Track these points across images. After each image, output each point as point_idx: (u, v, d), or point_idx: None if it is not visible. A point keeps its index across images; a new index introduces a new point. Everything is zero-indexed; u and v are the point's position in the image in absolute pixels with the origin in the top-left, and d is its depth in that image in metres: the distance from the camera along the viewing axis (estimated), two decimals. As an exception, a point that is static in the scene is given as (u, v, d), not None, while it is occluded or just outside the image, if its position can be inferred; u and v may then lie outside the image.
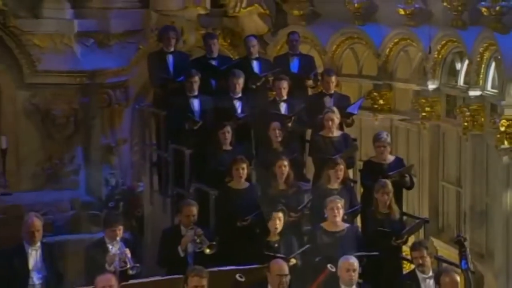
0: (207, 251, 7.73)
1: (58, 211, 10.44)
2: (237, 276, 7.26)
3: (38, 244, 7.67)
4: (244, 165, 8.34)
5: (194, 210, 7.96)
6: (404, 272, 7.82)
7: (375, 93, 10.76)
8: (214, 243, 8.03)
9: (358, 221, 8.77)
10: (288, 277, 7.01)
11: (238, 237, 8.02)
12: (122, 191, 10.88)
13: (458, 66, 9.80)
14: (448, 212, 9.61)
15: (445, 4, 9.63)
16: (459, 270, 6.72)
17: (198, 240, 8.05)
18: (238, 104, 9.50)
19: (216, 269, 7.10)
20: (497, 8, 8.88)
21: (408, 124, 10.46)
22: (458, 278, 6.53)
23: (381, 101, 10.72)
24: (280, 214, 7.74)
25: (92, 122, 11.65)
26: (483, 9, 9.03)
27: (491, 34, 8.84)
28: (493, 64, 9.03)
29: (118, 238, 7.79)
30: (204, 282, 6.66)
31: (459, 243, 6.91)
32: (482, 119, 9.17)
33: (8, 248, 8.34)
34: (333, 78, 9.91)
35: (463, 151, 9.63)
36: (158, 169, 10.16)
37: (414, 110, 10.33)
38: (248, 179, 8.66)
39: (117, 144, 11.59)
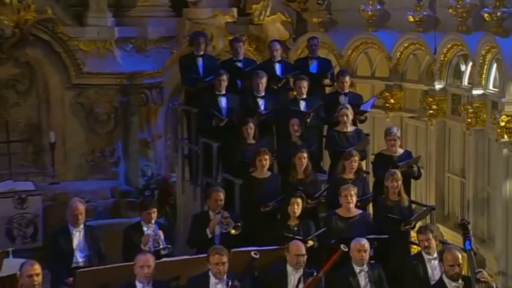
0: (233, 231, 7.75)
1: (100, 198, 10.55)
2: (252, 253, 7.28)
3: (81, 226, 7.77)
4: (267, 156, 8.31)
5: (221, 195, 8.00)
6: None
7: (386, 93, 10.68)
8: (239, 224, 8.02)
9: (370, 208, 8.70)
10: (305, 257, 7.01)
11: (260, 221, 7.94)
12: (157, 181, 10.91)
13: (462, 67, 9.67)
14: (453, 201, 9.51)
15: (450, 11, 9.50)
16: (459, 249, 6.58)
17: (224, 222, 8.12)
18: (261, 102, 9.46)
19: (239, 249, 7.17)
20: (498, 14, 8.78)
21: (417, 121, 10.37)
22: (460, 255, 6.40)
23: (392, 100, 10.63)
24: (299, 200, 7.74)
25: (130, 119, 11.69)
26: (486, 15, 8.96)
27: (493, 38, 8.73)
28: (495, 65, 8.91)
29: (152, 221, 7.86)
30: (224, 259, 6.60)
31: (463, 226, 6.80)
32: (484, 115, 9.06)
33: (55, 230, 8.47)
34: (347, 78, 9.84)
35: (467, 145, 9.53)
36: (189, 161, 10.15)
37: (422, 108, 10.24)
38: (270, 169, 8.49)
39: (153, 138, 11.60)
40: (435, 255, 7.13)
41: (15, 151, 10.99)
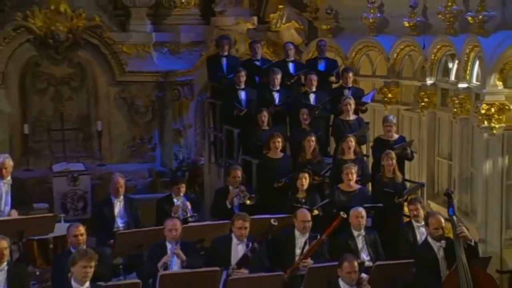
0: (248, 202, 7.82)
1: (139, 178, 10.68)
2: (271, 220, 7.35)
3: (122, 197, 8.03)
4: (279, 139, 8.39)
5: (239, 173, 8.16)
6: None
7: (385, 89, 10.63)
8: (253, 195, 8.13)
9: (370, 187, 8.71)
10: (310, 223, 7.15)
11: (274, 195, 8.03)
12: (188, 163, 10.96)
13: (450, 65, 9.58)
14: (441, 180, 9.47)
15: (440, 16, 9.43)
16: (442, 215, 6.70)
17: (241, 195, 8.09)
18: (276, 95, 9.53)
19: (256, 216, 7.25)
20: (480, 17, 8.67)
21: (411, 112, 10.31)
22: (442, 219, 6.58)
23: (390, 95, 10.58)
24: (306, 175, 7.83)
25: (165, 111, 11.72)
26: (469, 18, 8.86)
27: (476, 38, 8.59)
28: (477, 62, 8.83)
29: (181, 194, 8.09)
30: (247, 224, 6.78)
31: (447, 195, 6.91)
32: (468, 105, 8.97)
33: (99, 201, 8.86)
34: (351, 74, 9.92)
35: (453, 132, 9.46)
36: (214, 146, 10.25)
37: (415, 101, 10.15)
38: (283, 151, 8.59)
39: (184, 128, 11.64)
40: (423, 223, 7.18)
41: (68, 138, 11.06)
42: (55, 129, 11.22)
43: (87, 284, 5.78)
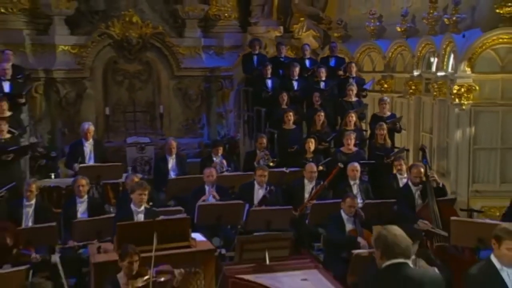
0: (271, 164, 7.97)
1: (190, 148, 10.77)
2: (284, 168, 7.58)
3: (174, 156, 8.34)
4: (291, 113, 8.74)
5: (264, 140, 8.41)
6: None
7: (382, 81, 10.72)
8: (275, 159, 8.29)
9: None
10: (316, 174, 7.35)
11: (289, 157, 8.21)
12: (227, 138, 11.04)
13: (432, 59, 9.55)
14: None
15: (424, 21, 9.45)
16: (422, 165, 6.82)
17: (265, 157, 8.22)
18: (295, 84, 9.72)
19: (275, 169, 7.63)
20: (454, 18, 8.68)
21: (402, 98, 10.33)
22: (422, 169, 6.79)
23: (386, 86, 10.67)
24: (312, 140, 8.21)
25: (211, 99, 11.71)
26: (446, 20, 8.87)
27: (450, 36, 8.52)
28: (452, 55, 8.81)
29: (219, 154, 8.42)
30: (266, 173, 7.11)
31: (422, 150, 7.14)
32: (445, 89, 8.96)
33: (158, 158, 9.14)
34: (354, 65, 10.02)
35: (434, 111, 9.43)
36: (247, 124, 10.38)
37: (405, 90, 10.17)
38: (296, 124, 8.82)
39: (226, 112, 11.66)
40: (405, 175, 7.32)
41: (138, 118, 11.13)
42: (128, 111, 11.30)
43: (143, 207, 6.12)
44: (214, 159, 8.23)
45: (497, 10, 8.23)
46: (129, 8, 11.17)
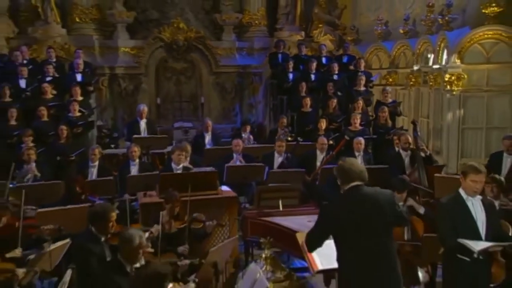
0: (289, 138, 8.04)
1: (225, 132, 10.53)
2: (298, 138, 7.75)
3: (210, 132, 8.35)
4: (308, 99, 8.83)
5: (285, 120, 8.54)
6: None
7: (387, 76, 10.65)
8: (293, 135, 8.40)
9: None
10: (326, 146, 7.36)
11: (305, 134, 8.27)
12: (257, 125, 10.95)
13: (429, 55, 9.46)
14: (423, 132, 9.16)
15: (423, 23, 9.39)
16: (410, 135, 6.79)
17: (285, 134, 8.22)
18: (313, 76, 9.79)
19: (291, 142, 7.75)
20: (447, 18, 8.64)
21: (404, 90, 10.23)
22: (410, 138, 6.66)
23: (390, 80, 10.58)
24: (323, 120, 8.29)
25: (243, 92, 11.68)
26: (440, 20, 8.82)
27: (444, 33, 8.49)
28: (445, 50, 8.73)
29: (247, 131, 8.58)
30: (283, 144, 7.15)
31: (413, 123, 6.93)
32: (439, 79, 8.86)
33: (196, 135, 9.09)
34: (362, 61, 10.03)
35: (430, 99, 9.35)
36: (273, 111, 10.46)
37: (407, 83, 10.09)
38: (312, 107, 8.87)
39: (255, 103, 11.56)
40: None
41: (184, 107, 11.29)
42: (175, 101, 11.39)
43: (181, 165, 6.30)
44: (243, 135, 8.35)
45: (483, 10, 8.22)
46: (177, 17, 11.25)
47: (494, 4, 7.99)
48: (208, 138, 8.32)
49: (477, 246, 3.68)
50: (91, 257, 3.62)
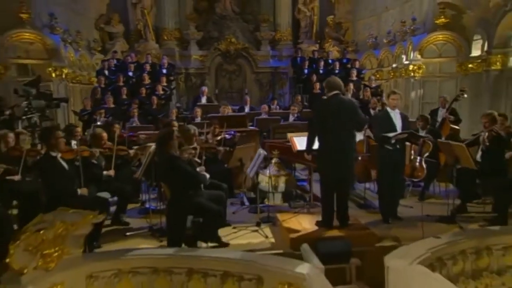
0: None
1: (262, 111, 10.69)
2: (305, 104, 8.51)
3: (248, 105, 9.03)
4: (318, 84, 9.30)
5: (299, 97, 9.11)
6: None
7: (376, 73, 10.99)
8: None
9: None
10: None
11: None
12: (284, 107, 10.41)
13: (402, 56, 9.88)
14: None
15: (398, 34, 9.95)
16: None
17: (298, 107, 8.54)
18: (321, 71, 10.29)
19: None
20: (412, 28, 9.28)
21: (386, 82, 10.60)
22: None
23: (378, 76, 10.92)
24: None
25: (275, 86, 11.73)
26: (408, 30, 9.41)
27: (411, 39, 9.16)
28: (412, 50, 9.26)
29: (275, 104, 9.15)
30: (296, 109, 8.04)
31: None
32: (408, 71, 9.39)
33: (239, 107, 9.33)
34: (356, 61, 10.56)
35: (402, 84, 9.67)
36: (293, 95, 10.40)
37: (388, 77, 10.56)
38: (321, 90, 8.67)
39: (283, 93, 11.69)
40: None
41: (234, 96, 11.44)
42: (228, 92, 11.60)
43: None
44: (272, 106, 9.04)
45: (436, 22, 9.04)
46: (230, 35, 11.52)
47: (442, 17, 8.82)
48: (247, 109, 9.08)
49: (392, 135, 4.65)
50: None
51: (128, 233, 4.48)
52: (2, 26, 7.68)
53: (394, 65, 10.31)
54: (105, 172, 4.58)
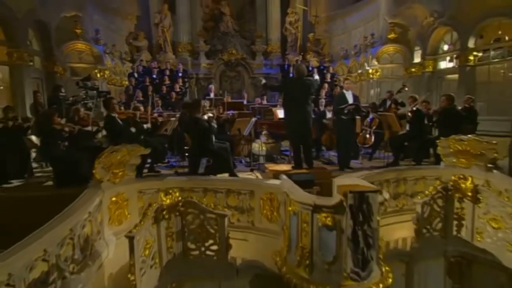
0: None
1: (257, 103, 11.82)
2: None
3: (245, 99, 9.65)
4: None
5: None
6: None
7: (346, 78, 10.32)
8: None
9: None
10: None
11: None
12: (272, 104, 10.63)
13: (365, 63, 10.39)
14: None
15: (362, 46, 10.54)
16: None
17: None
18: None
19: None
20: (372, 41, 9.88)
21: (354, 84, 10.27)
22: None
23: (348, 80, 11.26)
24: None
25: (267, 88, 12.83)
26: (368, 43, 10.10)
27: (370, 50, 9.82)
28: (371, 58, 9.89)
29: (264, 99, 9.54)
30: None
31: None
32: (369, 74, 10.00)
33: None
34: (330, 67, 11.11)
35: (366, 86, 10.32)
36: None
37: (355, 80, 10.72)
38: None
39: (274, 94, 10.68)
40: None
41: (234, 97, 10.52)
42: (229, 93, 10.77)
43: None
44: (263, 101, 9.56)
45: (388, 36, 9.97)
46: (231, 47, 11.97)
47: (393, 33, 9.70)
48: (245, 102, 9.48)
49: (343, 106, 5.55)
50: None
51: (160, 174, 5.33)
52: (63, 39, 8.68)
53: (359, 71, 10.94)
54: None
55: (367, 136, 6.35)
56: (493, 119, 7.07)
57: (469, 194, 4.09)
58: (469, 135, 4.43)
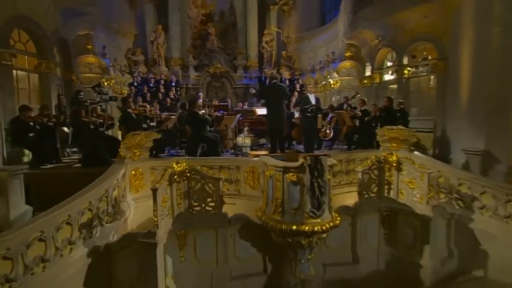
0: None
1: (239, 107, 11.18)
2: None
3: (229, 104, 9.98)
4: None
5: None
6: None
7: (313, 88, 10.45)
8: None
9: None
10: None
11: None
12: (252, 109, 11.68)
13: (328, 76, 10.85)
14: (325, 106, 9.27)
15: (325, 62, 11.15)
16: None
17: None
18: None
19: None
20: (333, 58, 10.39)
21: (319, 94, 10.92)
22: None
23: (314, 90, 10.17)
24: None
25: (247, 96, 11.98)
26: (330, 59, 10.69)
27: (331, 65, 10.46)
28: (332, 72, 10.56)
29: (245, 104, 10.33)
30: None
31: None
32: (330, 85, 10.60)
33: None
34: (300, 79, 11.42)
35: (329, 95, 10.80)
36: (258, 100, 9.92)
37: (320, 90, 11.21)
38: None
39: (253, 101, 11.18)
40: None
41: (220, 103, 10.32)
42: (215, 99, 11.17)
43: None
44: (243, 106, 10.24)
45: (345, 54, 10.54)
46: (216, 62, 12.40)
47: (349, 52, 10.27)
48: (229, 106, 9.72)
49: (307, 106, 6.42)
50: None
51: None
52: (77, 52, 9.38)
53: (323, 82, 11.47)
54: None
55: (327, 131, 7.33)
56: (421, 119, 7.95)
57: (394, 164, 5.13)
58: (398, 126, 5.46)
